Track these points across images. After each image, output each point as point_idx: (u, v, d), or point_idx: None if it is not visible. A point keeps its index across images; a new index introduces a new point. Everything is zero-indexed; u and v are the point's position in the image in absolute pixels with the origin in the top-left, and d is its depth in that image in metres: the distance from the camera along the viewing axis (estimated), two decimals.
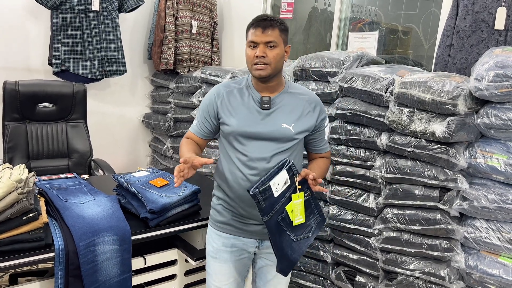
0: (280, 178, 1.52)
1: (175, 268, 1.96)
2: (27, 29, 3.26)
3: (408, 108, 1.96)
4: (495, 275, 1.76)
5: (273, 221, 1.51)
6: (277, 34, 1.56)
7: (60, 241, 1.54)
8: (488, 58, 1.81)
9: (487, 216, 1.81)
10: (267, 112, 1.62)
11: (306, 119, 1.64)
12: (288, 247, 1.56)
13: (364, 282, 2.18)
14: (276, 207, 1.51)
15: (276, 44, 1.56)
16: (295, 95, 1.67)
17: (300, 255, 1.60)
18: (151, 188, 1.89)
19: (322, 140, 1.74)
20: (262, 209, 1.49)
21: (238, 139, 1.62)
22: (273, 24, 1.56)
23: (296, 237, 1.57)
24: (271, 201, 1.50)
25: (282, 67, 1.62)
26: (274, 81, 1.63)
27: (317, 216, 1.63)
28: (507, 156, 1.75)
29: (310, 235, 1.61)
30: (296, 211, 1.54)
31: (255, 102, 1.64)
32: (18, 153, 2.67)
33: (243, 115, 1.62)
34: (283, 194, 1.53)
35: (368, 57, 2.47)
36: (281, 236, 1.54)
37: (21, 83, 2.68)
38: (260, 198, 1.48)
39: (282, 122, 1.61)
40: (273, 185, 1.50)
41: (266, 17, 1.59)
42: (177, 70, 3.65)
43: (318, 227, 1.64)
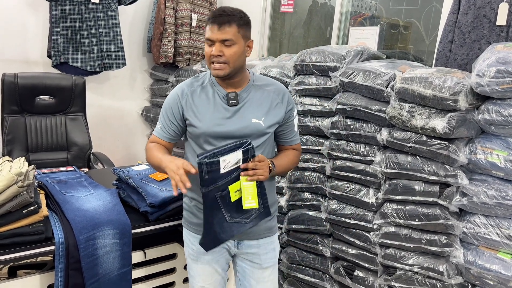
0: (233, 157, 1.45)
1: (174, 262, 1.97)
2: (26, 21, 3.24)
3: (409, 104, 1.95)
4: (493, 271, 1.77)
5: (211, 195, 1.46)
6: (235, 31, 1.47)
7: (60, 234, 1.55)
8: (489, 54, 1.81)
9: (487, 212, 1.81)
10: (235, 109, 1.55)
11: (275, 111, 1.59)
12: (218, 225, 1.51)
13: (362, 277, 2.19)
14: (218, 183, 1.46)
15: (233, 41, 1.47)
16: (262, 88, 1.60)
17: (229, 238, 1.55)
18: (151, 182, 1.89)
19: (291, 131, 1.66)
20: (203, 180, 1.43)
21: (208, 140, 1.55)
22: (230, 20, 1.46)
23: (230, 218, 1.52)
24: (215, 176, 1.44)
25: (243, 64, 1.55)
26: (238, 77, 1.56)
27: (260, 207, 1.54)
28: (507, 152, 1.75)
29: (247, 222, 1.54)
30: (247, 193, 1.48)
31: (221, 99, 1.56)
32: (17, 146, 2.66)
33: (210, 115, 1.55)
34: (230, 172, 1.47)
35: (369, 52, 2.47)
36: (214, 212, 1.49)
37: (20, 75, 2.66)
38: (205, 169, 1.42)
39: (252, 117, 1.55)
40: (222, 161, 1.43)
41: (223, 12, 1.48)
42: (177, 63, 3.64)
43: (259, 217, 1.56)
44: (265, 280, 1.69)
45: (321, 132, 2.32)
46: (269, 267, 1.69)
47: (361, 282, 2.20)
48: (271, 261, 1.69)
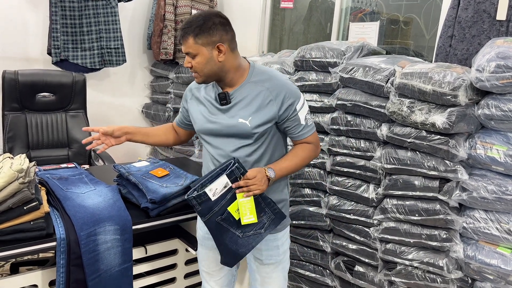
0: (219, 183, 1.50)
1: (175, 258, 1.98)
2: (25, 18, 3.24)
3: (408, 99, 1.95)
4: (493, 265, 1.78)
5: (212, 222, 1.53)
6: (191, 43, 1.49)
7: (61, 230, 1.55)
8: (489, 49, 1.81)
9: (486, 206, 1.82)
10: (226, 108, 1.57)
11: (266, 110, 1.54)
12: (233, 243, 1.55)
13: (363, 272, 2.20)
14: (215, 209, 1.52)
15: (193, 53, 1.50)
16: (257, 84, 1.57)
17: (250, 250, 1.57)
18: (151, 178, 1.90)
19: (297, 126, 1.60)
20: (199, 211, 1.52)
21: (202, 136, 1.65)
22: (185, 34, 1.49)
23: (243, 234, 1.55)
24: (208, 204, 1.51)
25: (219, 68, 1.53)
26: (227, 78, 1.56)
27: (269, 214, 1.57)
28: (507, 147, 1.75)
29: (263, 231, 1.57)
30: (244, 210, 1.51)
31: (216, 97, 1.60)
32: (18, 143, 2.67)
33: (203, 112, 1.62)
34: (223, 196, 1.51)
35: (369, 47, 2.46)
36: (223, 234, 1.55)
37: (21, 72, 2.67)
38: (195, 202, 1.51)
39: (239, 117, 1.55)
40: (209, 191, 1.50)
41: (181, 27, 1.52)
42: (177, 60, 3.64)
43: (273, 223, 1.58)
44: (267, 276, 1.70)
45: (321, 128, 2.33)
46: (271, 264, 1.68)
47: (361, 277, 2.20)
48: (273, 258, 1.68)
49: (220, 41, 1.50)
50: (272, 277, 1.70)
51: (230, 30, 1.55)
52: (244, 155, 1.57)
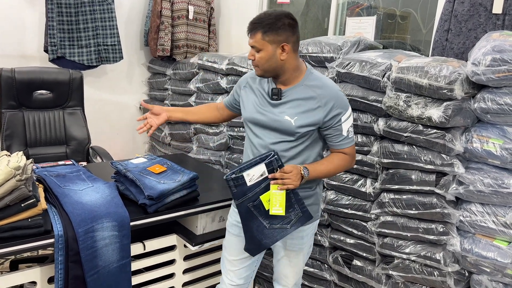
0: (256, 170, 1.59)
1: (174, 254, 1.98)
2: (22, 15, 3.23)
3: (405, 93, 1.96)
4: (490, 258, 1.79)
5: (244, 206, 1.61)
6: (259, 38, 1.58)
7: (59, 227, 1.56)
8: (485, 43, 1.81)
9: (483, 200, 1.82)
10: (275, 103, 1.67)
11: (313, 114, 1.62)
12: (259, 232, 1.64)
13: (361, 266, 2.21)
14: (248, 195, 1.60)
15: (258, 48, 1.59)
16: (310, 88, 1.64)
17: (273, 243, 1.66)
18: (149, 175, 1.90)
19: (338, 136, 1.66)
20: (233, 193, 1.61)
21: (248, 124, 1.74)
22: (254, 29, 1.59)
23: (270, 225, 1.63)
24: (243, 189, 1.60)
25: (278, 66, 1.61)
26: (284, 76, 1.65)
27: (297, 211, 1.64)
28: (503, 141, 1.76)
29: (288, 227, 1.64)
30: (274, 201, 1.58)
31: (268, 92, 1.69)
32: (15, 141, 2.67)
33: (254, 103, 1.72)
34: (258, 184, 1.60)
35: (365, 42, 2.46)
36: (252, 221, 1.63)
37: (17, 70, 2.66)
38: (232, 184, 1.60)
39: (285, 114, 1.64)
40: (246, 176, 1.59)
41: (251, 21, 1.61)
42: (174, 57, 3.64)
43: (299, 221, 1.65)
44: (289, 260, 1.81)
45: None
46: (293, 251, 1.79)
47: (359, 271, 2.22)
48: (296, 246, 1.78)
49: (285, 41, 1.59)
50: (294, 261, 1.82)
51: (296, 32, 1.63)
52: (282, 150, 1.65)
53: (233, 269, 1.84)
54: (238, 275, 1.84)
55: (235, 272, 1.84)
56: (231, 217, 1.84)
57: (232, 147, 3.02)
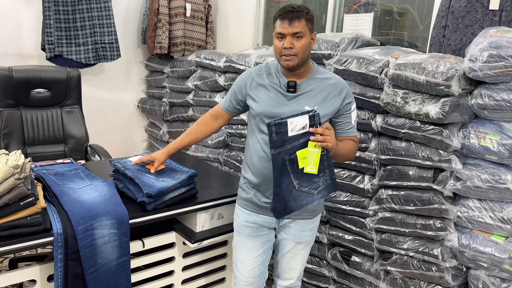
0: (299, 120, 1.55)
1: (173, 251, 1.99)
2: (19, 13, 3.22)
3: (402, 90, 1.96)
4: (487, 253, 1.80)
5: (280, 157, 1.57)
6: (304, 25, 1.61)
7: (58, 225, 1.56)
8: (482, 39, 1.81)
9: (480, 195, 1.83)
10: (292, 96, 1.70)
11: (330, 103, 1.69)
12: (287, 191, 1.60)
13: (359, 262, 2.22)
14: (287, 146, 1.57)
15: (303, 34, 1.61)
16: (322, 80, 1.72)
17: (298, 207, 1.63)
18: (147, 173, 1.90)
19: (348, 123, 1.75)
20: (272, 141, 1.56)
21: (263, 120, 1.71)
22: (299, 15, 1.60)
23: (299, 186, 1.61)
24: (283, 138, 1.55)
25: (309, 55, 1.68)
26: (302, 68, 1.69)
27: (327, 177, 1.64)
28: (500, 137, 1.77)
29: (315, 193, 1.63)
30: (310, 159, 1.58)
31: (281, 86, 1.72)
32: (14, 139, 2.66)
33: (269, 97, 1.72)
34: (298, 137, 1.57)
35: (363, 39, 2.46)
36: (283, 177, 1.59)
37: (15, 68, 2.66)
38: (274, 129, 1.54)
39: (305, 105, 1.67)
40: (290, 123, 1.54)
41: (292, 8, 1.62)
42: (172, 54, 3.63)
43: (326, 189, 1.64)
44: (296, 253, 1.86)
45: None
46: (302, 243, 1.84)
47: (358, 268, 2.22)
48: (304, 238, 1.84)
49: (314, 31, 1.68)
50: (301, 254, 1.87)
51: None
52: None
53: (247, 269, 1.85)
54: (252, 274, 1.85)
55: (249, 272, 1.85)
56: (239, 217, 1.85)
57: (230, 144, 3.02)
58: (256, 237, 1.82)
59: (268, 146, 1.66)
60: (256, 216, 1.80)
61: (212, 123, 1.94)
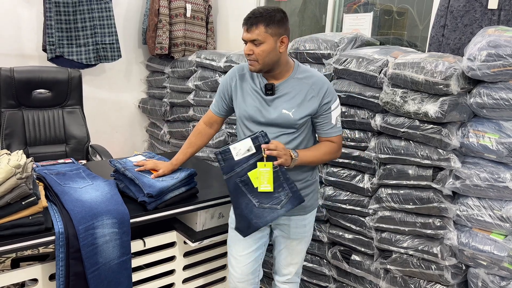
0: (242, 145, 1.63)
1: (174, 250, 2.00)
2: (20, 14, 3.24)
3: (401, 89, 1.97)
4: (486, 251, 1.81)
5: (232, 181, 1.65)
6: (261, 31, 1.59)
7: (60, 224, 1.57)
8: (480, 38, 1.82)
9: (479, 194, 1.84)
10: (270, 99, 1.70)
11: (308, 104, 1.68)
12: (248, 210, 1.66)
13: (359, 261, 2.23)
14: (236, 170, 1.64)
15: (260, 41, 1.60)
16: (301, 80, 1.71)
17: (264, 223, 1.67)
18: (147, 173, 1.91)
19: (327, 124, 1.73)
20: (222, 168, 1.66)
21: (244, 122, 1.76)
22: (257, 22, 1.59)
23: (260, 204, 1.66)
24: (231, 163, 1.64)
25: (276, 59, 1.65)
26: (277, 70, 1.69)
27: (287, 191, 1.65)
28: (499, 135, 1.77)
29: (279, 208, 1.66)
30: (262, 178, 1.62)
31: (261, 88, 1.72)
32: (15, 140, 2.68)
33: (249, 100, 1.73)
34: (246, 159, 1.64)
35: (362, 38, 2.47)
36: (240, 198, 1.67)
37: (16, 69, 2.67)
38: (220, 157, 1.65)
39: (282, 108, 1.68)
40: (233, 149, 1.63)
41: (252, 15, 1.62)
42: (172, 55, 3.64)
43: (289, 202, 1.66)
44: (292, 249, 1.87)
45: None
46: (297, 239, 1.85)
47: (358, 266, 2.23)
48: (299, 235, 1.85)
49: (284, 33, 1.65)
50: (297, 249, 1.88)
51: (288, 25, 1.68)
52: (284, 142, 1.69)
53: (241, 265, 1.86)
54: (246, 270, 1.86)
55: (243, 268, 1.86)
56: (233, 213, 1.86)
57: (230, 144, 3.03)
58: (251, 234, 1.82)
59: None
60: None
61: (208, 130, 1.96)
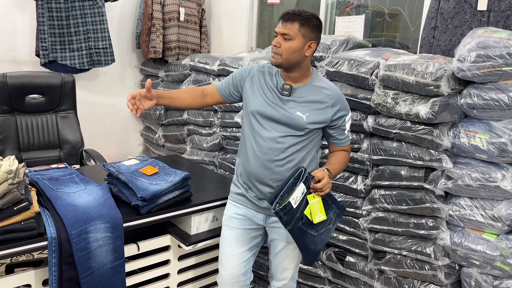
0: (299, 192, 1.60)
1: (168, 254, 2.00)
2: (13, 20, 3.23)
3: (393, 91, 1.98)
4: (479, 251, 1.82)
5: (295, 227, 1.63)
6: (295, 28, 1.63)
7: (52, 229, 1.57)
8: (470, 39, 1.84)
9: (471, 194, 1.85)
10: (286, 99, 1.73)
11: (321, 112, 1.72)
12: (311, 243, 1.68)
13: (354, 262, 2.24)
14: (296, 216, 1.62)
15: (291, 37, 1.63)
16: (318, 89, 1.74)
17: (323, 245, 1.72)
18: (141, 177, 1.92)
19: (341, 134, 1.81)
20: (284, 221, 1.60)
21: (256, 117, 1.76)
22: (294, 18, 1.64)
23: (317, 233, 1.69)
24: (292, 213, 1.60)
25: (299, 60, 1.68)
26: (296, 72, 1.72)
27: (335, 209, 1.73)
28: (489, 135, 1.79)
29: (331, 226, 1.73)
30: (315, 210, 1.64)
31: (277, 87, 1.75)
32: (9, 145, 2.67)
33: (264, 96, 1.76)
34: (301, 202, 1.62)
35: (354, 40, 2.49)
36: (304, 237, 1.66)
37: (9, 75, 2.66)
38: (282, 214, 1.58)
39: (297, 110, 1.71)
40: (292, 200, 1.59)
41: (291, 11, 1.66)
42: (166, 58, 3.65)
43: (338, 217, 1.75)
44: (288, 252, 1.86)
45: None
46: (293, 243, 1.79)
47: (352, 267, 2.24)
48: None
49: (314, 39, 1.68)
50: (292, 253, 1.87)
51: (320, 35, 1.73)
52: (289, 144, 1.72)
53: (231, 265, 1.86)
54: (237, 271, 1.86)
55: (234, 269, 1.86)
56: (228, 211, 1.88)
57: (225, 147, 3.04)
58: (243, 230, 1.84)
59: (257, 144, 1.73)
60: (246, 210, 1.83)
61: (200, 98, 1.92)
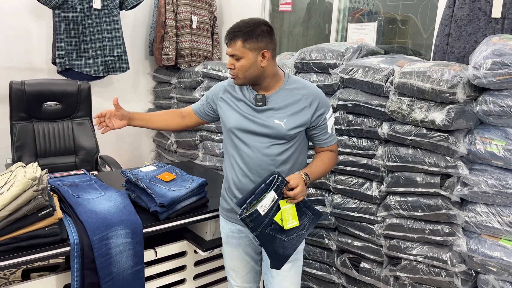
0: (268, 199, 1.56)
1: (185, 259, 2.02)
2: (30, 29, 3.30)
3: (408, 98, 2.00)
4: (496, 258, 1.81)
5: (262, 233, 1.59)
6: (239, 46, 1.59)
7: (74, 235, 1.60)
8: (485, 47, 1.85)
9: (487, 200, 1.85)
10: (261, 109, 1.68)
11: (300, 115, 1.66)
12: (280, 247, 1.63)
13: (368, 268, 2.24)
14: (264, 222, 1.57)
15: (239, 56, 1.61)
16: (292, 91, 1.69)
17: (294, 250, 1.66)
18: (159, 183, 1.94)
19: (324, 134, 1.73)
20: (250, 228, 1.57)
21: (235, 132, 1.71)
22: (234, 37, 1.60)
23: (288, 237, 1.63)
24: (259, 219, 1.56)
25: (259, 73, 1.64)
26: (264, 83, 1.68)
27: (309, 215, 1.67)
28: (506, 142, 1.79)
29: (304, 232, 1.67)
30: (287, 216, 1.59)
31: (251, 99, 1.70)
32: (26, 152, 2.72)
33: (240, 110, 1.71)
34: (271, 209, 1.57)
35: (367, 47, 2.51)
36: (272, 242, 1.61)
37: (27, 82, 2.72)
38: (248, 221, 1.55)
39: (274, 118, 1.65)
40: (260, 208, 1.55)
41: (231, 29, 1.62)
42: (179, 65, 3.69)
43: (312, 223, 1.69)
44: (284, 274, 1.76)
45: None
46: (289, 262, 1.72)
47: (367, 274, 2.24)
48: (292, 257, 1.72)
49: (265, 48, 1.62)
50: (289, 274, 1.78)
51: (274, 39, 1.67)
52: (274, 153, 1.67)
53: (240, 276, 1.87)
54: (247, 279, 1.88)
55: (243, 279, 1.88)
56: (224, 229, 1.85)
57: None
58: (245, 246, 1.82)
59: (241, 159, 1.69)
60: (241, 227, 1.78)
61: (179, 118, 1.95)
